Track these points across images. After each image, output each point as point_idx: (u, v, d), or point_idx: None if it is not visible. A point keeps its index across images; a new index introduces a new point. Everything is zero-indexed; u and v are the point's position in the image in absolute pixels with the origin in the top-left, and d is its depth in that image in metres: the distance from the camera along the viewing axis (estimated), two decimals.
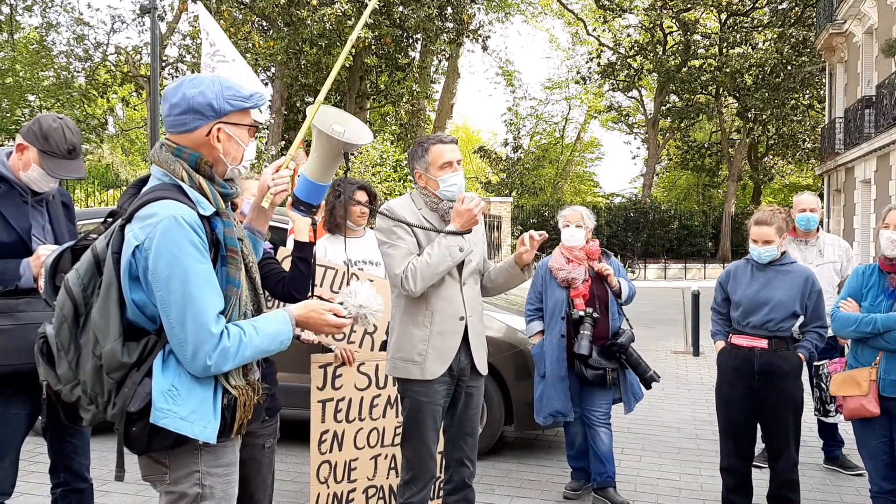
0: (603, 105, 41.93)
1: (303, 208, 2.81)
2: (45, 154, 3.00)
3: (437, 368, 3.28)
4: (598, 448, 4.60)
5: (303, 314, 2.20)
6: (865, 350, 3.77)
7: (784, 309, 4.02)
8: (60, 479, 3.26)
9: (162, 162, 2.12)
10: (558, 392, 4.57)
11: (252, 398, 2.15)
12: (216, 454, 2.14)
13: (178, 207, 2.01)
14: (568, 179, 46.73)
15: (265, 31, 24.03)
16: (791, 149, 36.57)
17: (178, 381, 2.00)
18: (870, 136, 19.36)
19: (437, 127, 29.25)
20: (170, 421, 1.96)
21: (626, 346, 4.54)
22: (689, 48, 32.75)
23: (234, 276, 2.10)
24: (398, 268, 3.21)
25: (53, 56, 27.58)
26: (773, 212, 4.11)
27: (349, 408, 4.09)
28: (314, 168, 2.73)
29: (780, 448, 4.10)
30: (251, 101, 2.19)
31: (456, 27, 24.05)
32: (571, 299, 4.60)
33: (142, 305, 2.02)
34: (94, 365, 2.01)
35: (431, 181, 3.34)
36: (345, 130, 2.71)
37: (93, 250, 2.08)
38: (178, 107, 2.12)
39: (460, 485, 3.46)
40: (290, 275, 3.11)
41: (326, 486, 4.03)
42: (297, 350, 4.42)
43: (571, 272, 4.61)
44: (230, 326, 2.04)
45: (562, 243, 4.74)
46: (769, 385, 4.03)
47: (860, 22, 21.11)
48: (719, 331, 4.31)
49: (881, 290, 3.78)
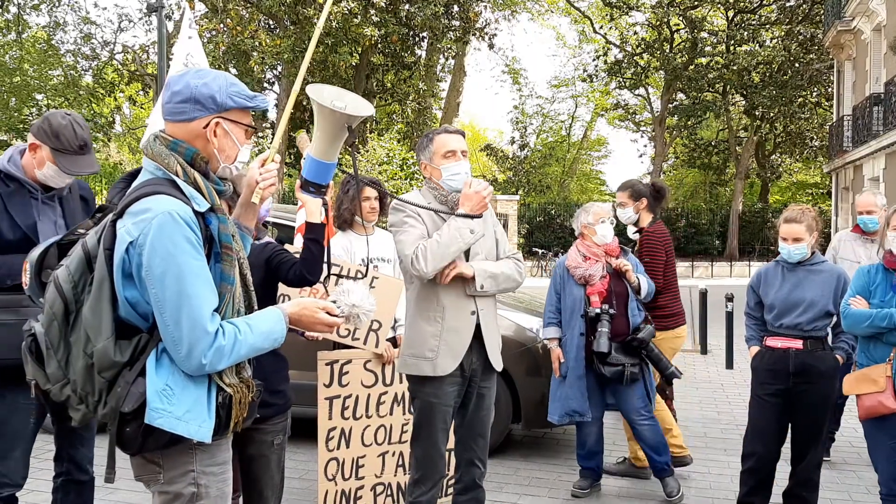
0: (610, 103, 41.80)
1: (312, 189, 2.79)
2: (57, 151, 3.03)
3: (448, 365, 3.26)
4: (645, 442, 4.61)
5: (296, 312, 2.17)
6: (878, 346, 3.73)
7: (817, 309, 4.00)
8: (63, 468, 3.27)
9: (155, 155, 2.07)
10: (575, 391, 4.55)
11: (247, 395, 2.12)
12: (211, 453, 2.11)
13: (173, 203, 1.97)
14: (574, 177, 46.65)
15: (272, 29, 24.08)
16: (799, 146, 36.42)
17: (173, 381, 1.96)
18: (878, 134, 19.27)
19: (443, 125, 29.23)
20: (165, 421, 1.93)
21: (647, 341, 4.52)
22: (696, 46, 32.62)
23: (229, 273, 2.06)
24: (409, 248, 3.18)
25: (61, 55, 27.66)
26: (802, 210, 4.09)
27: (356, 405, 4.09)
28: (319, 147, 2.71)
29: (808, 447, 4.09)
30: (254, 101, 2.17)
31: (462, 25, 24.06)
32: (588, 297, 4.58)
33: (134, 303, 1.98)
34: (86, 364, 1.97)
35: (435, 171, 3.34)
36: (345, 105, 2.69)
37: (83, 246, 2.03)
38: (179, 94, 2.08)
39: (470, 485, 3.44)
40: (303, 256, 3.07)
41: (334, 484, 4.03)
42: (305, 347, 4.42)
43: (588, 269, 4.59)
44: (225, 324, 2.01)
45: (579, 241, 4.74)
46: (804, 385, 4.01)
47: (868, 19, 21.00)
48: (753, 336, 4.27)
49: (889, 286, 3.76)
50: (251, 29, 22.01)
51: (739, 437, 4.37)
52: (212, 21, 22.23)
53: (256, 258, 3.16)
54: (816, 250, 4.15)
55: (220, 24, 21.68)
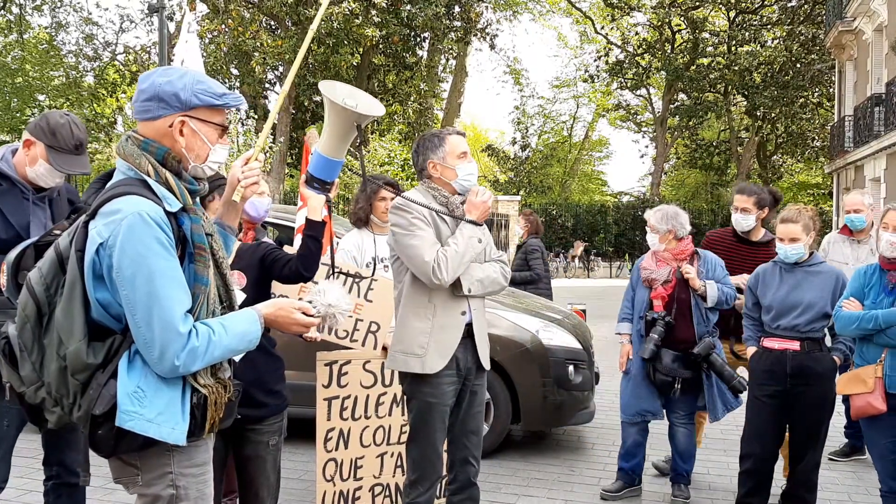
0: (611, 103, 41.80)
1: (317, 185, 2.78)
2: (52, 149, 3.04)
3: (437, 363, 3.25)
4: (676, 445, 4.63)
5: (271, 312, 2.15)
6: (871, 348, 3.76)
7: (815, 310, 3.99)
8: (53, 471, 3.26)
9: (127, 156, 2.05)
10: (642, 391, 4.57)
11: (223, 396, 2.09)
12: (189, 454, 2.09)
13: (143, 203, 1.95)
14: (576, 178, 46.66)
15: (273, 30, 24.07)
16: (800, 147, 36.37)
17: (144, 383, 1.94)
18: (879, 134, 19.25)
19: (444, 126, 29.23)
20: (136, 423, 1.91)
21: (702, 355, 4.38)
22: (697, 46, 32.61)
23: (202, 274, 2.04)
24: (427, 255, 3.16)
25: (63, 56, 27.73)
26: (799, 210, 4.09)
27: (355, 406, 4.08)
28: (328, 143, 2.70)
29: (806, 449, 4.09)
30: (222, 99, 2.11)
31: (463, 26, 24.05)
32: (651, 300, 4.57)
33: (106, 304, 1.97)
34: (59, 366, 1.95)
35: (448, 170, 3.34)
36: (357, 104, 2.68)
37: (55, 248, 2.01)
38: (144, 93, 2.07)
39: (465, 483, 3.44)
40: (300, 252, 3.06)
41: (332, 484, 4.03)
42: (303, 348, 4.42)
43: (653, 273, 4.58)
44: (199, 325, 1.98)
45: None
46: (802, 387, 4.01)
47: (870, 19, 20.98)
48: (751, 336, 4.27)
49: (882, 288, 3.77)
50: (252, 30, 22.00)
51: (739, 438, 4.36)
52: (213, 22, 22.24)
53: (250, 258, 3.16)
54: (815, 251, 4.15)
55: (222, 25, 21.69)
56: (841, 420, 5.71)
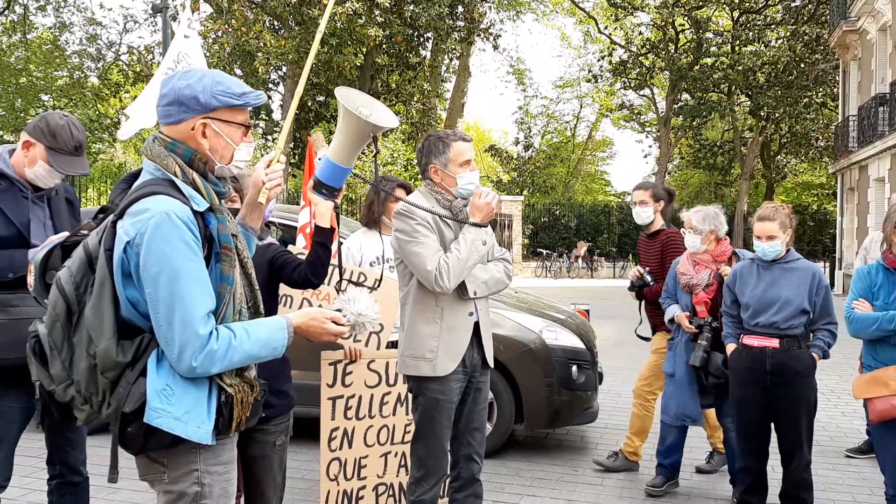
0: (614, 103, 41.72)
1: (325, 191, 2.77)
2: (52, 150, 3.05)
3: (448, 365, 3.28)
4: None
5: (303, 322, 2.16)
6: (885, 349, 3.70)
7: (792, 307, 3.99)
8: (56, 471, 3.28)
9: (154, 156, 2.07)
10: (685, 395, 4.56)
11: (249, 395, 2.11)
12: (215, 452, 2.11)
13: (171, 203, 1.97)
14: (579, 178, 46.61)
15: (276, 30, 24.08)
16: (804, 147, 36.30)
17: (173, 381, 1.96)
18: (884, 134, 19.23)
19: (448, 126, 29.21)
20: (164, 421, 1.93)
21: None
22: (701, 46, 32.54)
23: (228, 274, 2.05)
24: (430, 264, 3.18)
25: (66, 56, 27.78)
26: (776, 208, 4.09)
27: (359, 405, 4.09)
28: (339, 151, 2.69)
29: (794, 448, 4.08)
30: (241, 98, 2.12)
31: (467, 26, 24.03)
32: (694, 306, 4.53)
33: (135, 302, 1.99)
34: (88, 364, 1.97)
35: (449, 178, 3.34)
36: (371, 113, 2.68)
37: (84, 247, 2.04)
38: (165, 97, 2.09)
39: (469, 480, 3.46)
40: (309, 259, 3.06)
41: (336, 484, 4.04)
42: (308, 347, 4.43)
43: (693, 278, 4.53)
44: (221, 328, 1.99)
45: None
46: (782, 385, 4.00)
47: (874, 19, 20.95)
48: (730, 333, 4.26)
49: (892, 287, 3.73)
50: (256, 30, 22.02)
51: None
52: (216, 22, 22.25)
53: (259, 259, 3.17)
54: (791, 248, 4.15)
55: (225, 25, 21.70)
56: (847, 419, 5.72)
